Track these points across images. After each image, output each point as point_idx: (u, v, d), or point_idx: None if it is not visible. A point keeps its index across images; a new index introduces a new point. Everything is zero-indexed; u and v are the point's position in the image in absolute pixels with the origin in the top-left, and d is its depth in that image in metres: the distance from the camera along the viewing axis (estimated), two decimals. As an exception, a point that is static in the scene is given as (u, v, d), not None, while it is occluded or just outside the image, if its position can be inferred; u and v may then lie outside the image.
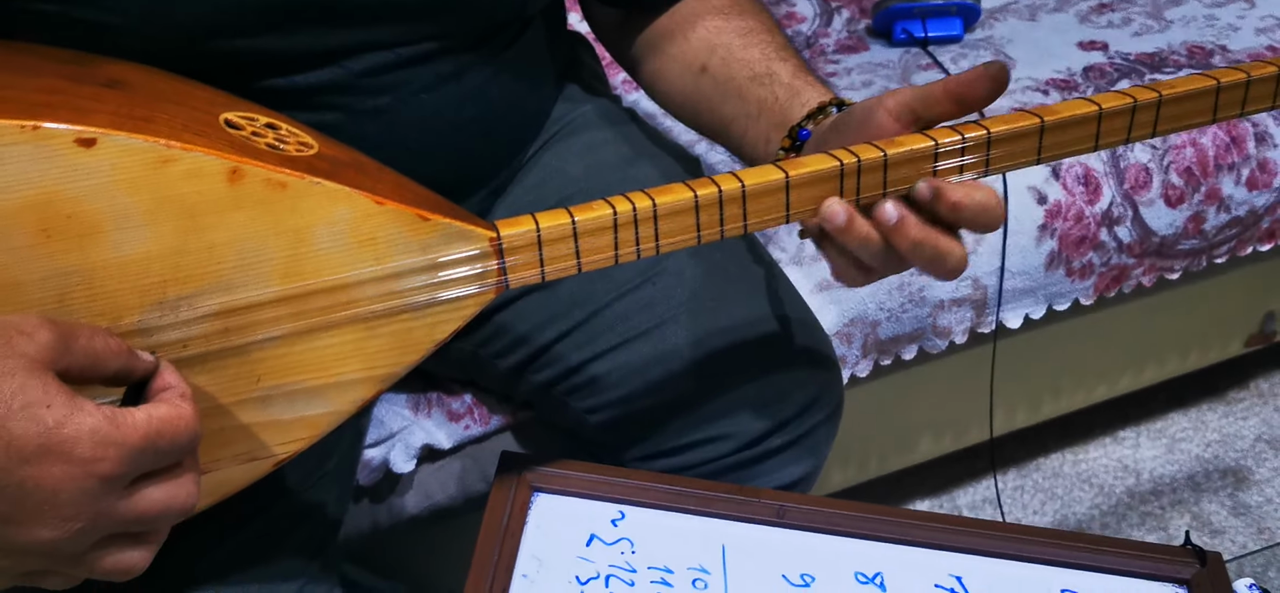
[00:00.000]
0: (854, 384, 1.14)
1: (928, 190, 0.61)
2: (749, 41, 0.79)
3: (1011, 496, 1.45)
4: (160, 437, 0.50)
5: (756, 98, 0.76)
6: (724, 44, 0.80)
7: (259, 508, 0.76)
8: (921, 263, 0.62)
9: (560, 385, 0.86)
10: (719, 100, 0.79)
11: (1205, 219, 1.19)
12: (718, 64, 0.79)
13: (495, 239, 0.59)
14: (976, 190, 0.61)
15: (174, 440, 0.51)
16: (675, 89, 0.83)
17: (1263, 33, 1.29)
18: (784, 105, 0.74)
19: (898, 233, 0.61)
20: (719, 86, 0.79)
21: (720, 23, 0.81)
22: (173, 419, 0.51)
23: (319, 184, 0.55)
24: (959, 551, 0.71)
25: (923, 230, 0.61)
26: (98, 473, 0.48)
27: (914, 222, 0.61)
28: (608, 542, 0.70)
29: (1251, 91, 0.64)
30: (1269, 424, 1.53)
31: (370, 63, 0.70)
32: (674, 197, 0.60)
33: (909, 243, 0.61)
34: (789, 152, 0.72)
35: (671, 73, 0.83)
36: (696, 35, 0.81)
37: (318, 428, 0.60)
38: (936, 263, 0.62)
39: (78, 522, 0.49)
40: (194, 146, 0.53)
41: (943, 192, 0.61)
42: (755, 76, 0.77)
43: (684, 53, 0.82)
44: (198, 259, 0.54)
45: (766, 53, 0.78)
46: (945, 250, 0.62)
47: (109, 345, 0.52)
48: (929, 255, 0.62)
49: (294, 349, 0.58)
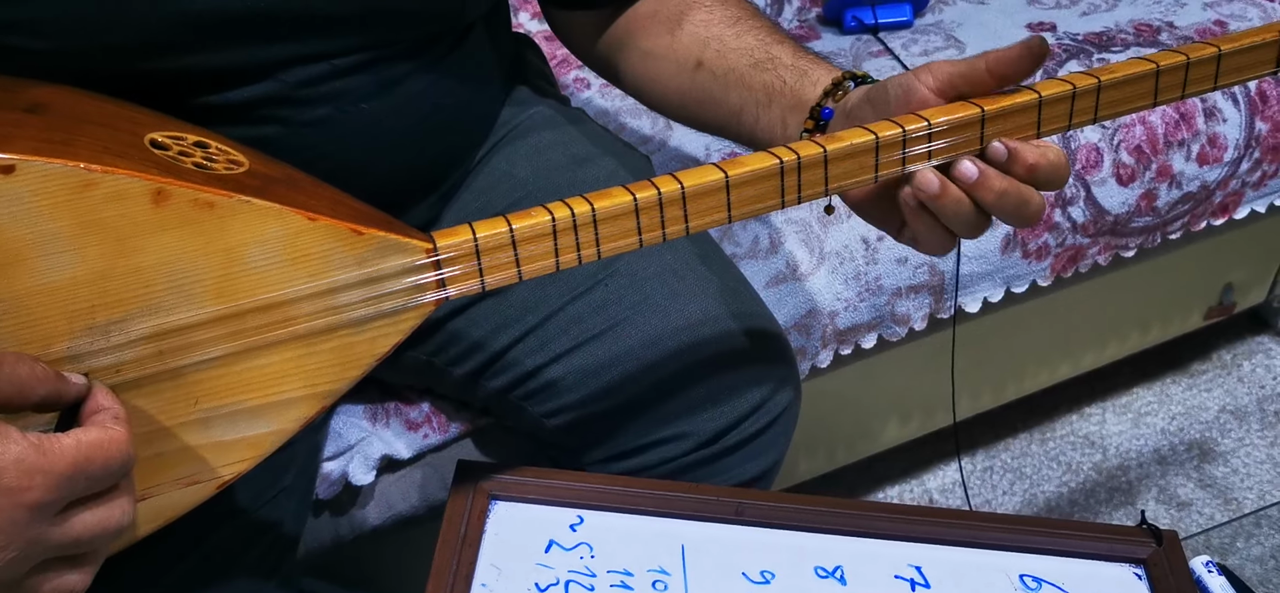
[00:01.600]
0: (815, 375, 1.13)
1: (1002, 150, 0.62)
2: (741, 30, 0.79)
3: (980, 477, 1.46)
4: (90, 462, 0.50)
5: (762, 84, 0.75)
6: (716, 36, 0.79)
7: (212, 528, 0.75)
8: (1006, 213, 0.63)
9: (516, 391, 0.85)
10: (721, 93, 0.78)
11: (1157, 196, 1.19)
12: (713, 57, 0.78)
13: (432, 250, 0.58)
14: (1049, 150, 0.63)
15: (105, 465, 0.51)
16: (671, 89, 0.82)
17: (1210, 7, 1.30)
18: (794, 88, 0.74)
19: (981, 187, 0.62)
20: (719, 79, 0.78)
21: (706, 16, 0.80)
22: (103, 443, 0.51)
23: (249, 203, 0.54)
24: (918, 540, 0.71)
25: (1005, 181, 0.62)
26: (26, 502, 0.48)
27: (995, 173, 0.62)
28: (567, 547, 0.69)
29: (1191, 74, 0.64)
30: (1232, 395, 1.54)
31: (306, 74, 0.69)
32: (613, 201, 0.59)
33: (995, 194, 0.62)
34: (812, 132, 0.71)
35: (664, 73, 0.82)
36: (684, 32, 0.80)
37: (261, 448, 0.59)
38: (1022, 209, 0.63)
39: (10, 551, 0.49)
40: (116, 169, 0.52)
41: (1018, 152, 0.62)
42: (757, 63, 0.76)
43: (674, 51, 0.81)
44: (126, 282, 0.53)
45: (762, 39, 0.78)
46: (1028, 196, 0.63)
47: (34, 372, 0.51)
48: (1015, 203, 0.63)
49: (232, 370, 0.57)
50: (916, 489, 1.45)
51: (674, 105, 0.83)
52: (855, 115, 0.68)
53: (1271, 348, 1.60)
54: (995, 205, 0.63)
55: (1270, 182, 1.27)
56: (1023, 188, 0.63)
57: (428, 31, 0.74)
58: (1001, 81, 0.64)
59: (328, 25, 0.68)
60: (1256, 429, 1.49)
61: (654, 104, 0.86)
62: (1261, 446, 1.47)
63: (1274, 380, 1.56)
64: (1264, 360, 1.58)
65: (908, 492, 1.45)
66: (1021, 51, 0.62)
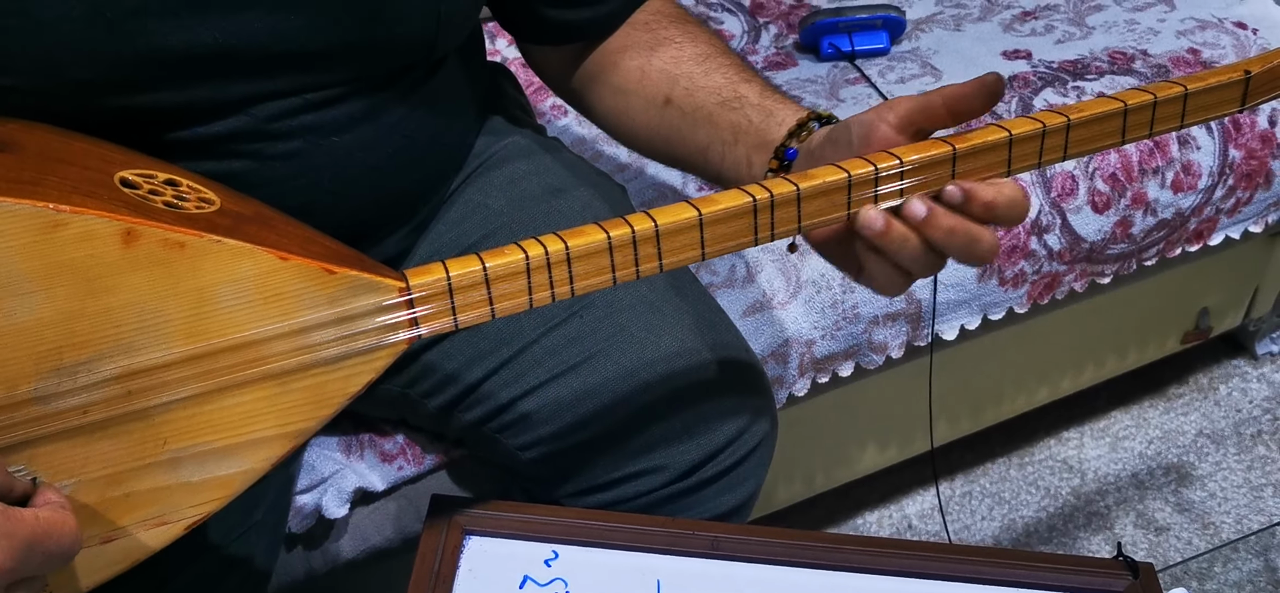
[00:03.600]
0: (793, 404, 1.13)
1: (958, 193, 0.62)
2: (709, 68, 0.79)
3: (959, 502, 1.46)
4: (47, 537, 0.50)
5: (729, 123, 0.76)
6: (685, 73, 0.80)
7: (182, 565, 0.74)
8: (956, 250, 0.63)
9: (491, 423, 0.85)
10: (689, 130, 0.78)
11: (1132, 223, 1.20)
12: (681, 94, 0.79)
13: (405, 289, 0.58)
14: (1006, 187, 0.63)
15: (58, 544, 0.51)
16: (640, 124, 0.82)
17: (1183, 35, 1.31)
18: (759, 127, 0.74)
19: (930, 225, 0.62)
20: (687, 116, 0.79)
21: (676, 52, 0.81)
22: (59, 523, 0.51)
23: (220, 243, 0.54)
24: (896, 574, 0.70)
25: (953, 218, 0.63)
26: None
27: (943, 212, 0.63)
28: (541, 583, 0.69)
29: (1158, 113, 0.64)
30: (1209, 419, 1.55)
31: (276, 108, 0.69)
32: (587, 239, 0.59)
33: (943, 231, 0.63)
34: (776, 172, 0.72)
35: (634, 109, 0.82)
36: (654, 68, 0.81)
37: (230, 488, 0.59)
38: (971, 247, 0.63)
39: None
40: (85, 209, 0.51)
41: (974, 193, 0.62)
42: (724, 102, 0.77)
43: (643, 87, 0.81)
44: (94, 323, 0.53)
45: (729, 77, 0.78)
46: (978, 234, 0.63)
47: None
48: (963, 241, 0.63)
49: (202, 410, 0.57)
50: (895, 515, 1.45)
51: (643, 140, 0.83)
52: (818, 155, 0.69)
53: (1248, 372, 1.61)
54: (944, 244, 0.63)
55: (1244, 208, 1.27)
56: (971, 226, 0.63)
57: (400, 64, 0.74)
58: (957, 118, 0.64)
59: (298, 61, 0.68)
60: (1233, 453, 1.50)
61: (624, 139, 0.86)
62: (1238, 469, 1.48)
63: (1250, 404, 1.56)
64: (1240, 384, 1.59)
65: (886, 517, 1.45)
66: (976, 88, 0.63)
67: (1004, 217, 0.63)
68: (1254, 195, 1.26)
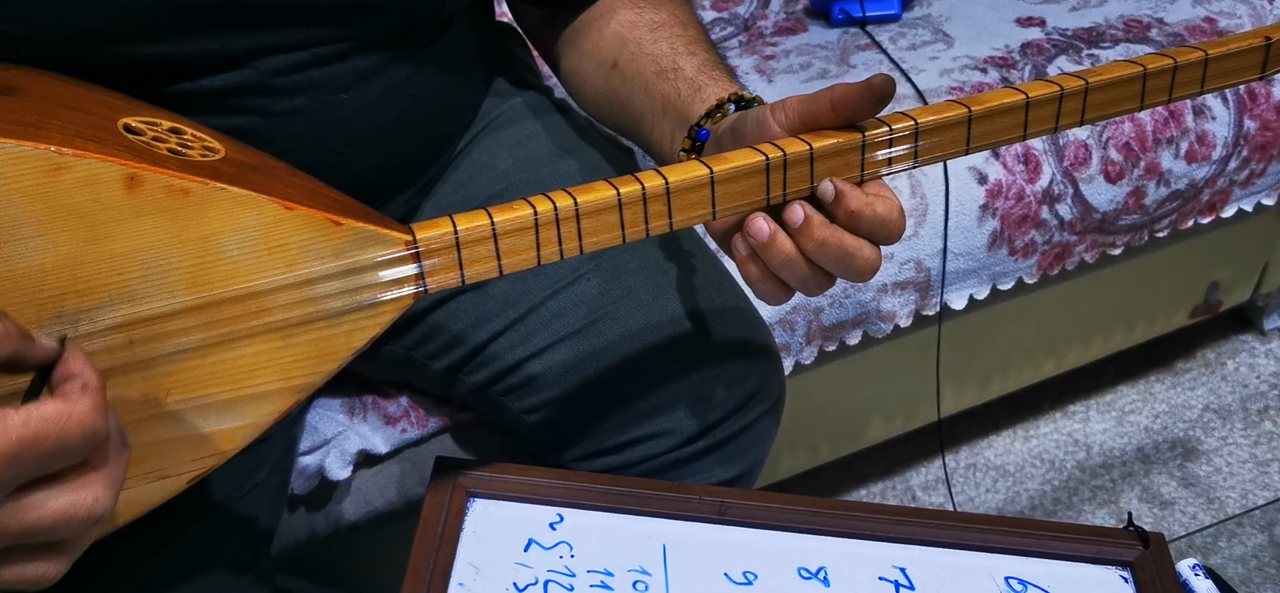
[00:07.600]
0: (799, 371, 1.13)
1: (831, 191, 0.60)
2: (658, 35, 0.77)
3: (964, 474, 1.45)
4: (41, 439, 0.45)
5: (661, 94, 0.74)
6: (635, 39, 0.78)
7: (185, 523, 0.73)
8: (828, 264, 0.60)
9: (496, 386, 0.84)
10: (627, 96, 0.76)
11: (1145, 194, 1.19)
12: (627, 60, 0.77)
13: (412, 242, 0.57)
14: (878, 202, 0.60)
15: (61, 441, 0.45)
16: (589, 86, 0.81)
17: (1199, 4, 1.29)
18: (685, 102, 0.72)
19: (803, 234, 0.60)
20: (627, 82, 0.77)
21: (633, 16, 0.79)
22: (60, 417, 0.45)
23: (224, 190, 0.53)
24: (903, 541, 0.70)
25: (827, 230, 0.60)
26: None
27: (819, 221, 0.60)
28: (546, 546, 0.68)
29: (1178, 77, 0.63)
30: (1216, 394, 1.54)
31: (282, 63, 0.68)
32: (597, 195, 0.58)
33: (814, 244, 0.60)
34: (690, 153, 0.70)
35: (586, 69, 0.81)
36: (609, 30, 0.79)
37: (233, 442, 0.58)
38: (843, 263, 0.60)
39: None
40: (88, 153, 0.50)
41: (843, 196, 0.59)
42: (661, 72, 0.75)
43: (597, 48, 0.79)
44: (97, 270, 0.52)
45: (675, 46, 0.76)
46: (852, 249, 0.60)
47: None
48: (834, 255, 0.60)
49: (205, 361, 0.56)
50: (899, 486, 1.44)
51: (591, 104, 0.82)
52: (722, 141, 0.67)
53: (1255, 347, 1.60)
54: (816, 256, 0.60)
55: (1258, 180, 1.26)
56: (846, 239, 0.60)
57: (408, 23, 0.73)
58: (844, 119, 0.61)
59: (304, 15, 0.67)
60: (1239, 428, 1.49)
61: (579, 101, 0.84)
62: (1244, 445, 1.47)
63: (1257, 379, 1.56)
64: (1248, 359, 1.58)
65: (891, 489, 1.44)
66: (862, 91, 0.59)
67: (868, 231, 0.60)
68: (1268, 167, 1.25)
